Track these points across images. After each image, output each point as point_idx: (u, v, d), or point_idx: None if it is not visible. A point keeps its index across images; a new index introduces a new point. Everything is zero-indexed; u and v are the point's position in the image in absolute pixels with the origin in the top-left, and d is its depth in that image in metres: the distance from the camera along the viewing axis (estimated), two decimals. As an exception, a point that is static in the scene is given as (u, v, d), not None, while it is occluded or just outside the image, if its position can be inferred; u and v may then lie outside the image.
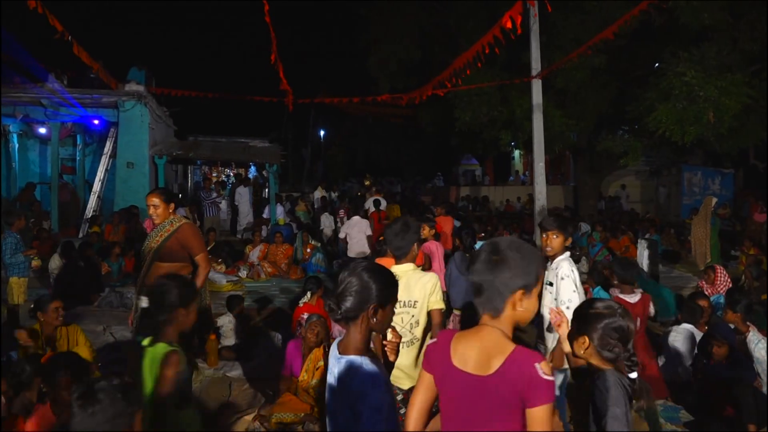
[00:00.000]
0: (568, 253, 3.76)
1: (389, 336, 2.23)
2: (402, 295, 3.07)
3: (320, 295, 6.50)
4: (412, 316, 3.25)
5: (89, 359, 4.56)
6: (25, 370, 3.54)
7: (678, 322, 5.73)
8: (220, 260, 11.03)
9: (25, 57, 12.30)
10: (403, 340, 3.07)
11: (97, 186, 13.91)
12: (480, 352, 1.85)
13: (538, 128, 10.96)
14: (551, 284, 3.70)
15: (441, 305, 3.27)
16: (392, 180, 30.83)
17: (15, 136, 14.87)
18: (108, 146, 14.13)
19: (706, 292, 6.92)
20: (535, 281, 1.87)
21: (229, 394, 5.14)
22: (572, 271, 3.62)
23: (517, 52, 11.88)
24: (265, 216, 14.72)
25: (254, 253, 11.25)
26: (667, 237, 13.51)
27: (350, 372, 1.97)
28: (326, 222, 14.32)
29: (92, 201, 13.78)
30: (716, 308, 6.39)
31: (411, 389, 2.77)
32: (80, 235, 12.92)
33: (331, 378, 2.09)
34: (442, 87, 10.84)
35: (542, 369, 1.76)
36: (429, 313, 3.26)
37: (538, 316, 3.65)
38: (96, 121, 13.74)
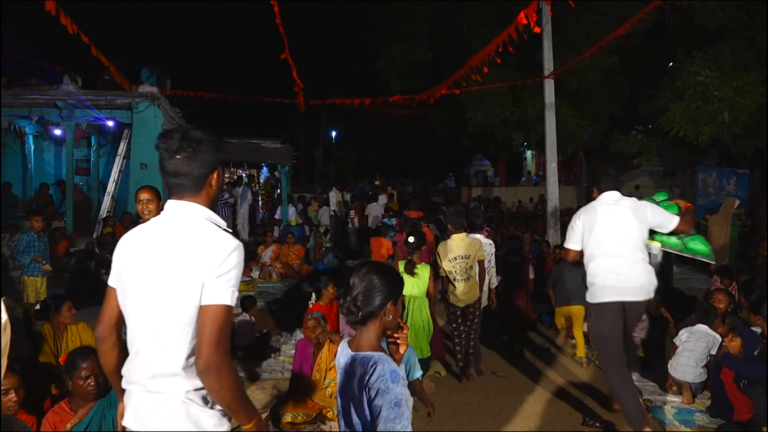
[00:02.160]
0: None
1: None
2: (460, 251, 5.37)
3: (332, 296, 6.35)
4: (467, 263, 5.38)
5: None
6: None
7: (688, 323, 5.67)
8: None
9: (40, 59, 12.44)
10: (460, 278, 5.38)
11: (110, 187, 14.03)
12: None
13: (551, 128, 10.91)
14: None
15: (483, 257, 5.51)
16: (403, 180, 30.78)
17: (31, 137, 15.05)
18: (122, 147, 14.25)
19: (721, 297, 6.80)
20: None
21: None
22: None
23: (529, 52, 11.85)
24: (277, 217, 14.76)
25: (266, 254, 11.29)
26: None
27: (368, 369, 1.98)
28: (324, 215, 15.00)
29: (106, 201, 13.90)
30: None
31: (464, 308, 5.47)
32: (94, 235, 13.03)
33: (344, 377, 2.09)
34: (456, 87, 10.84)
35: None
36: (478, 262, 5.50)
37: None
38: (110, 123, 13.86)
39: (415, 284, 4.97)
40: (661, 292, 7.88)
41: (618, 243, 4.20)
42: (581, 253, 4.38)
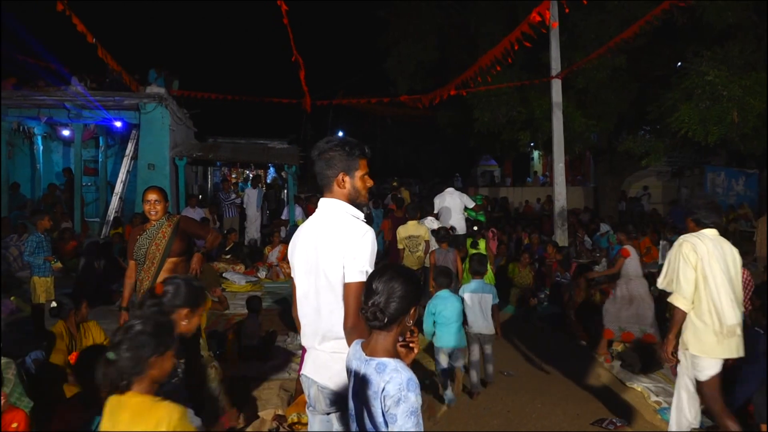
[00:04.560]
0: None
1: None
2: (412, 232, 7.74)
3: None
4: (416, 241, 7.73)
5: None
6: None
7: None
8: (239, 261, 11.11)
9: (49, 59, 12.52)
10: (412, 251, 7.69)
11: (118, 187, 14.10)
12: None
13: (558, 128, 10.87)
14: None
15: (428, 237, 7.79)
16: (410, 181, 30.77)
17: (39, 138, 15.14)
18: (129, 148, 14.31)
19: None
20: None
21: (248, 394, 5.16)
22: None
23: (536, 52, 11.80)
24: (283, 217, 14.78)
25: (273, 254, 11.31)
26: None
27: (385, 376, 1.96)
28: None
29: (114, 202, 13.97)
30: None
31: (417, 270, 7.42)
32: (102, 235, 13.11)
33: (357, 382, 2.07)
34: (463, 87, 10.82)
35: None
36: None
37: None
38: (118, 123, 13.92)
39: (479, 250, 8.04)
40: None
41: (452, 209, 9.33)
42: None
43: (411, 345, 2.13)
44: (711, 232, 3.84)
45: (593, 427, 4.65)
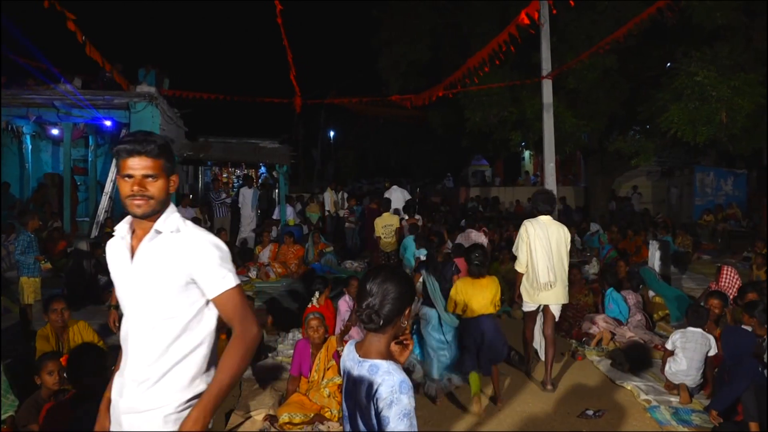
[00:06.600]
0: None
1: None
2: (387, 222, 9.73)
3: (327, 295, 6.56)
4: (390, 229, 9.60)
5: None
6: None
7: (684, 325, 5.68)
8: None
9: (39, 58, 12.40)
10: (388, 239, 9.67)
11: (108, 187, 14.01)
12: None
13: (549, 128, 10.90)
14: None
15: (398, 225, 9.74)
16: (403, 181, 30.80)
17: (28, 137, 15.02)
18: (120, 147, 14.21)
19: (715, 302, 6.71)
20: None
21: (240, 394, 5.15)
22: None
23: (527, 52, 11.84)
24: (275, 217, 14.74)
25: (264, 254, 11.28)
26: (680, 238, 13.38)
27: (377, 378, 1.95)
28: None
29: (104, 202, 13.88)
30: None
31: (388, 252, 9.79)
32: (92, 235, 13.03)
33: (350, 383, 2.06)
34: (453, 88, 10.84)
35: None
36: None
37: None
38: (108, 122, 13.82)
39: None
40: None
41: (397, 200, 10.66)
42: None
43: (405, 342, 2.12)
44: (544, 218, 5.45)
45: (580, 419, 4.70)
